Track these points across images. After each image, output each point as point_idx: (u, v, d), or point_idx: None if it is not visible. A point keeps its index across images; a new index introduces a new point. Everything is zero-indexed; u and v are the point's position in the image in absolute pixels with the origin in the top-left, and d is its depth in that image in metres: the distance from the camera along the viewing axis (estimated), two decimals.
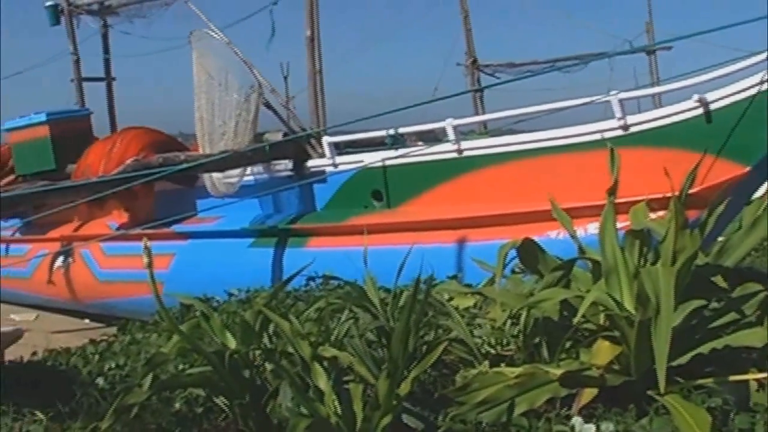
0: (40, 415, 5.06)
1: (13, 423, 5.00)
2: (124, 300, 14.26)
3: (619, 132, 9.92)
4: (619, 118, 9.92)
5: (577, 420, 4.14)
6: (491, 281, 6.07)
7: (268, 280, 11.08)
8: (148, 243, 4.38)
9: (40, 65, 23.09)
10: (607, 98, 10.13)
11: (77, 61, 20.44)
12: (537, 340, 4.98)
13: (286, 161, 12.88)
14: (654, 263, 4.83)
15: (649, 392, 4.23)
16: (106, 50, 21.05)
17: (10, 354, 6.78)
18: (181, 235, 13.52)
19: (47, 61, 22.37)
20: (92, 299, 15.71)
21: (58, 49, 21.17)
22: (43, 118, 16.68)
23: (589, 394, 4.39)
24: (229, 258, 12.79)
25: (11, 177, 17.59)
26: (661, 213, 5.75)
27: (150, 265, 4.42)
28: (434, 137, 12.83)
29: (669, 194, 4.97)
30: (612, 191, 5.25)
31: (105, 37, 20.80)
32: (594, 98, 10.52)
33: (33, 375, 6.44)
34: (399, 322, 4.24)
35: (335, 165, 12.39)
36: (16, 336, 6.56)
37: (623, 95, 10.10)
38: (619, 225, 5.11)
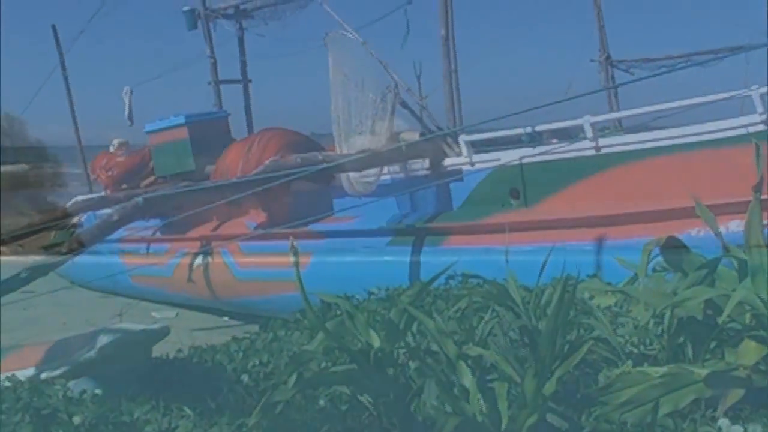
0: (187, 410, 5.16)
1: (162, 418, 5.10)
2: (262, 298, 14.44)
3: (761, 127, 9.71)
4: (761, 113, 9.70)
5: (723, 422, 4.09)
6: (633, 280, 6.02)
7: (406, 278, 11.11)
8: (295, 243, 4.46)
9: (179, 68, 23.44)
10: (748, 93, 9.92)
11: (214, 64, 20.78)
12: (681, 339, 4.92)
13: (423, 160, 12.92)
14: None
15: None
16: (242, 53, 21.37)
17: (156, 351, 6.92)
18: (318, 234, 13.63)
19: (185, 65, 22.74)
20: (231, 297, 15.92)
21: (195, 53, 21.54)
22: (182, 120, 17.03)
23: (735, 395, 4.33)
24: (366, 257, 12.86)
25: (151, 178, 17.99)
26: None
27: (296, 264, 4.51)
28: (566, 134, 12.74)
29: None
30: (758, 188, 5.16)
31: (241, 40, 21.12)
32: (733, 93, 10.30)
33: (179, 371, 6.59)
34: (546, 322, 4.25)
35: (472, 163, 12.38)
36: (163, 334, 6.70)
37: (765, 89, 9.88)
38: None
